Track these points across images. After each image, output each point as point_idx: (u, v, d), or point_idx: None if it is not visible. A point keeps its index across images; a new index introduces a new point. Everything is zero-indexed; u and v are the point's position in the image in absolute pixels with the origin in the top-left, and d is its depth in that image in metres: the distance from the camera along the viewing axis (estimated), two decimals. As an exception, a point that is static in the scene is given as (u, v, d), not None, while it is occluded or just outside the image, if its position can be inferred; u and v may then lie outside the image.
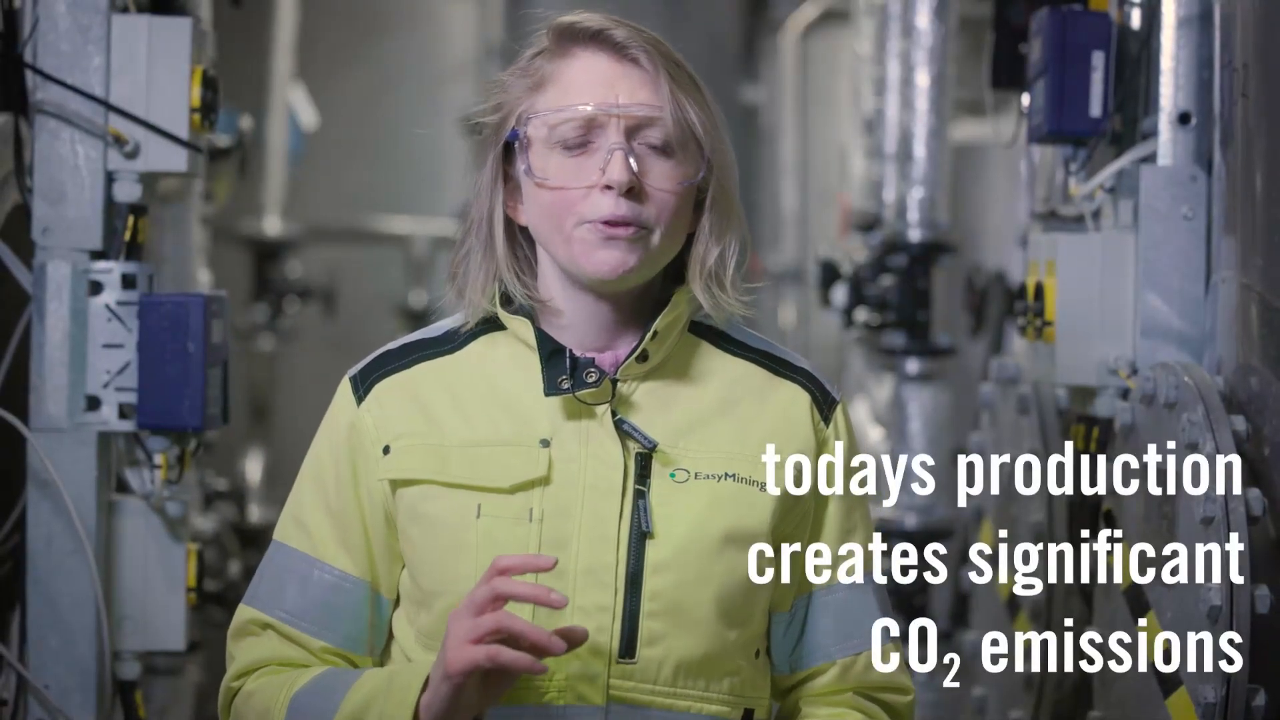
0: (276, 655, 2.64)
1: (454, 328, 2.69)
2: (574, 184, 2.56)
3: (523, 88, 2.61)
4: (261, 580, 2.68)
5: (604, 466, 2.57)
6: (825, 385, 2.70)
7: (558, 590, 2.46)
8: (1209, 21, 3.62)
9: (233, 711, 2.65)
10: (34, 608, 3.61)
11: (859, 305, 5.89)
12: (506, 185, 2.63)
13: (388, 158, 9.63)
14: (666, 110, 2.56)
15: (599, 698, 2.54)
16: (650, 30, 2.61)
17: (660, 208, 2.56)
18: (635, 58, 2.57)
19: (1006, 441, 4.44)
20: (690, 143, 2.58)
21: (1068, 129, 3.84)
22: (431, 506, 2.59)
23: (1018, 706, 4.30)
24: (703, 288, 2.61)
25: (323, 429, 2.69)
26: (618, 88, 2.56)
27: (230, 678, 2.66)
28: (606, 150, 2.55)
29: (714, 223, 2.61)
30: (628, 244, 2.55)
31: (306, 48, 9.13)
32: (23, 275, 3.64)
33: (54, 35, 3.60)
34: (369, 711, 2.50)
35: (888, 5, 6.02)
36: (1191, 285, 3.67)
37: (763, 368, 2.68)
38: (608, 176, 2.53)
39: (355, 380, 2.67)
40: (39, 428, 3.60)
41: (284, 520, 2.69)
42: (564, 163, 2.57)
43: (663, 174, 2.56)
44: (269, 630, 2.65)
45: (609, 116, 2.55)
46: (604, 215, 2.54)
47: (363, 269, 9.39)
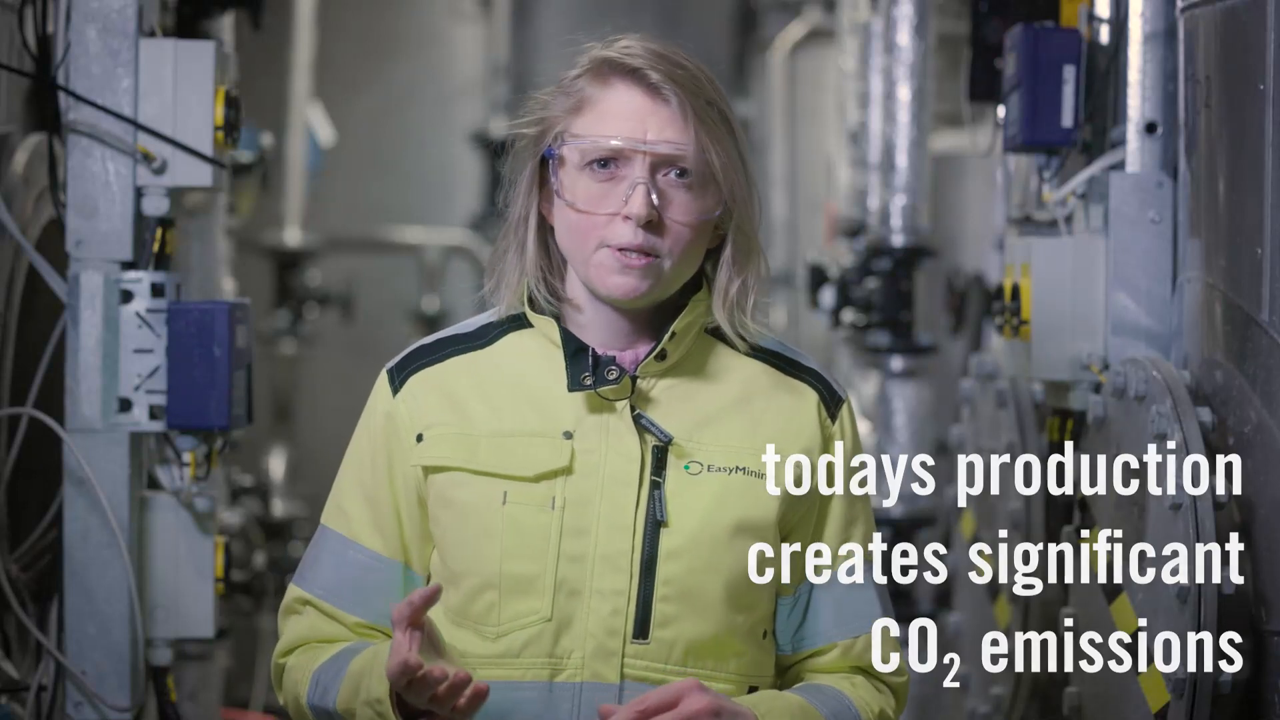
0: (315, 632, 2.68)
1: (486, 323, 2.71)
2: (599, 210, 2.59)
3: (562, 107, 2.63)
4: (306, 560, 2.73)
5: (622, 458, 2.59)
6: (833, 384, 2.72)
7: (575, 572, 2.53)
8: (1173, 37, 3.62)
9: (282, 684, 2.70)
10: (71, 598, 3.61)
11: (845, 307, 5.89)
12: (543, 190, 2.65)
13: (401, 171, 9.62)
14: (690, 149, 2.58)
15: (614, 676, 2.56)
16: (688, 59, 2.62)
17: (675, 239, 2.59)
18: (667, 98, 2.58)
19: (985, 434, 4.43)
20: (710, 180, 2.60)
21: (1041, 139, 3.84)
22: (460, 492, 2.61)
23: (999, 684, 4.30)
24: (724, 315, 2.64)
25: (362, 419, 2.72)
26: (647, 124, 2.58)
27: (277, 654, 2.72)
28: (631, 183, 2.57)
29: (734, 255, 2.65)
30: (641, 272, 2.58)
31: (323, 68, 9.12)
32: (58, 285, 3.64)
33: (85, 59, 3.59)
34: (360, 688, 2.55)
35: (871, 24, 6.02)
36: (1159, 285, 3.67)
37: (774, 367, 2.70)
38: (629, 208, 2.57)
39: (392, 373, 2.70)
40: (74, 429, 3.59)
41: (328, 504, 2.73)
42: (591, 187, 2.59)
43: (682, 207, 2.59)
44: (309, 607, 2.69)
45: (635, 151, 2.57)
46: (622, 243, 2.57)
47: (378, 277, 9.38)
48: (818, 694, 2.62)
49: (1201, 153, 3.42)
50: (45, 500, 3.77)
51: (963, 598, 4.65)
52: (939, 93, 5.86)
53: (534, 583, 2.57)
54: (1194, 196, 3.48)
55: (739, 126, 2.65)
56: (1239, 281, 3.26)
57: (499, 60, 9.32)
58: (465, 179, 9.46)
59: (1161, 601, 3.24)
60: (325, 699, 2.61)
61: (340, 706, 2.58)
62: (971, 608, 4.57)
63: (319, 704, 2.62)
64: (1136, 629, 3.35)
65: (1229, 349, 3.29)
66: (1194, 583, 3.13)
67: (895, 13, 5.80)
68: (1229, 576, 3.13)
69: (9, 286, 3.71)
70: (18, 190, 3.69)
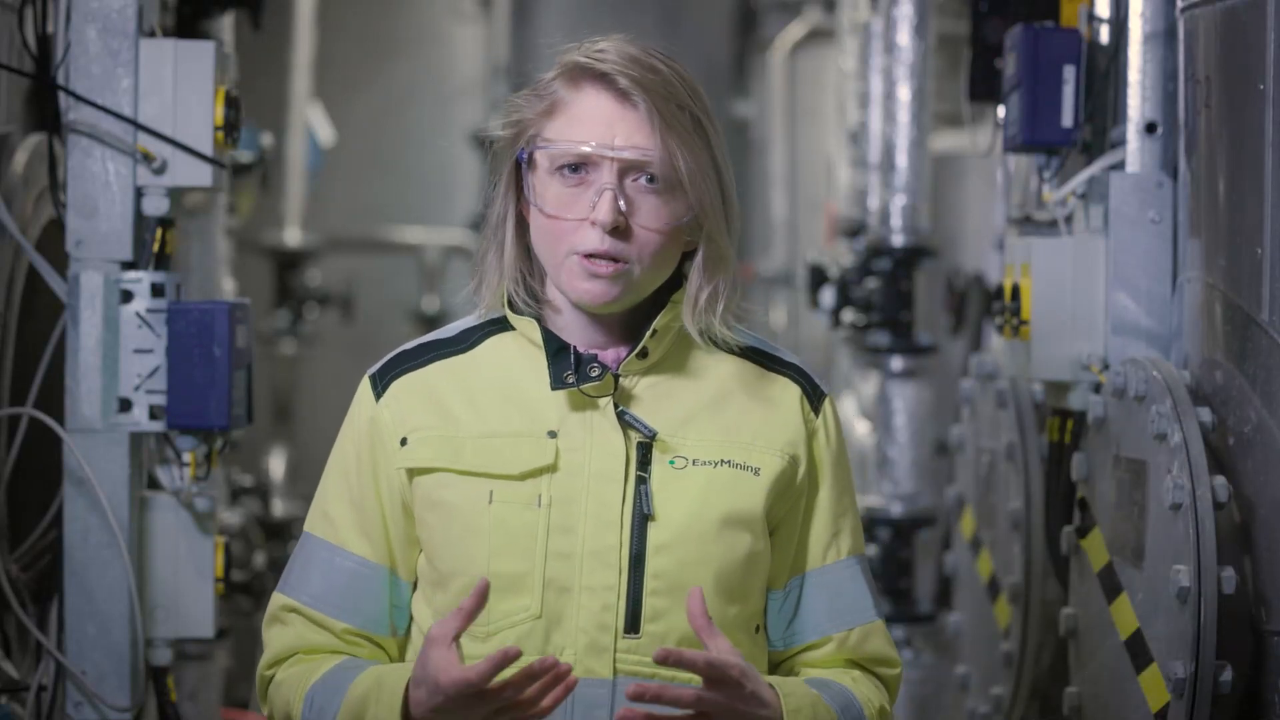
0: (303, 641, 2.66)
1: (466, 328, 2.71)
2: (567, 215, 2.58)
3: (536, 109, 2.62)
4: (291, 568, 2.70)
5: (607, 455, 2.59)
6: (814, 379, 2.72)
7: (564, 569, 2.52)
8: (1173, 37, 3.62)
9: (268, 700, 2.68)
10: (71, 598, 3.61)
11: (845, 307, 5.89)
12: (520, 192, 2.65)
13: (401, 171, 9.62)
14: (656, 155, 2.57)
15: (607, 671, 2.56)
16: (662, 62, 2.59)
17: (643, 245, 2.58)
18: (635, 103, 2.57)
19: (985, 434, 4.44)
20: (680, 186, 2.59)
21: (1041, 139, 3.83)
22: (447, 493, 2.61)
23: (998, 683, 4.30)
24: (693, 322, 2.62)
25: (345, 426, 2.71)
26: (616, 129, 2.57)
27: (263, 666, 2.69)
28: (598, 188, 2.57)
29: (704, 263, 2.63)
30: (609, 280, 2.57)
31: (323, 68, 9.12)
32: (58, 285, 3.64)
33: (85, 59, 3.59)
34: (364, 711, 2.54)
35: (870, 24, 6.02)
36: (1159, 285, 3.67)
37: (755, 363, 2.69)
38: (595, 214, 2.56)
39: (374, 379, 2.69)
40: (74, 429, 3.59)
41: (312, 512, 2.72)
42: (561, 192, 2.59)
43: (650, 213, 2.58)
44: (296, 614, 2.67)
45: (603, 157, 2.57)
46: (589, 249, 2.56)
47: (378, 276, 9.38)
48: (826, 688, 2.62)
49: (1201, 153, 3.42)
50: (45, 500, 3.77)
51: (963, 598, 4.65)
52: (939, 93, 5.86)
53: (523, 580, 2.57)
54: (1194, 196, 3.48)
55: (717, 131, 2.62)
56: (1239, 281, 3.26)
57: (499, 60, 9.32)
58: (465, 179, 9.46)
59: (1161, 601, 3.24)
60: (322, 718, 2.58)
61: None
62: (971, 608, 4.57)
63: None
64: (1136, 629, 3.35)
65: (1229, 349, 3.29)
66: (1194, 583, 3.13)
67: (895, 13, 5.80)
68: (1229, 576, 3.13)
69: (9, 286, 3.71)
70: (18, 190, 3.69)
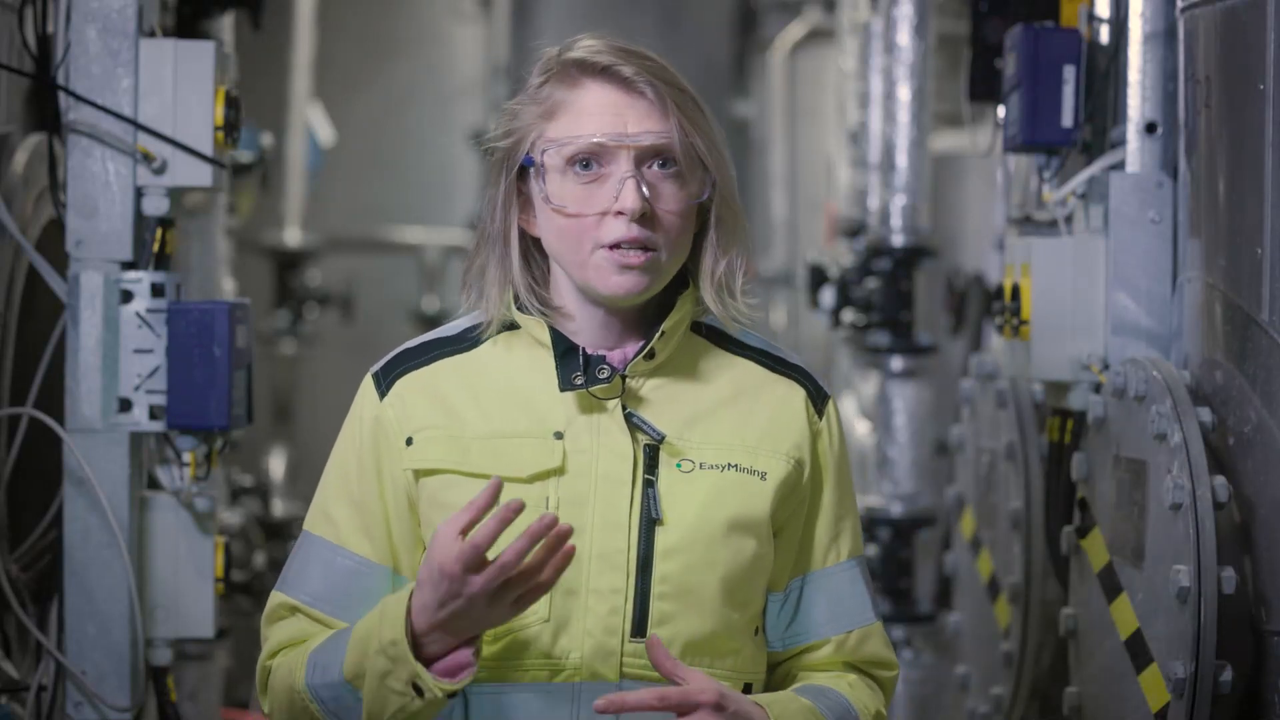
0: (304, 634, 2.65)
1: (469, 326, 2.69)
2: (589, 210, 2.57)
3: (534, 115, 2.62)
4: (290, 567, 2.69)
5: (615, 457, 2.59)
6: (818, 381, 2.72)
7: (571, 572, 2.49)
8: (1173, 37, 3.62)
9: (268, 687, 2.66)
10: (71, 598, 3.61)
11: (845, 307, 5.89)
12: (520, 200, 2.64)
13: (401, 171, 9.62)
14: (674, 136, 2.57)
15: (613, 674, 2.56)
16: (649, 52, 2.62)
17: (669, 229, 2.58)
18: (642, 90, 2.58)
19: (985, 434, 4.44)
20: (695, 164, 2.60)
21: (1041, 139, 3.84)
22: (453, 495, 2.59)
23: (998, 683, 4.30)
24: (714, 297, 2.63)
25: (347, 424, 2.70)
26: (626, 117, 2.57)
27: (264, 658, 2.68)
28: (619, 178, 2.56)
29: (720, 235, 2.63)
30: (640, 270, 2.57)
31: (323, 69, 9.13)
32: (58, 285, 3.64)
33: (85, 59, 3.59)
34: (369, 643, 2.51)
35: (870, 24, 6.02)
36: (1159, 285, 3.67)
37: (761, 365, 2.69)
38: (620, 203, 2.55)
39: (378, 377, 2.68)
40: (74, 429, 3.59)
41: (312, 511, 2.70)
42: (578, 190, 2.58)
43: (671, 196, 2.58)
44: (296, 613, 2.66)
45: (620, 146, 2.56)
46: (617, 238, 2.56)
47: (378, 276, 9.38)
48: (822, 697, 2.62)
49: (1201, 153, 3.42)
50: (45, 500, 3.77)
51: (963, 598, 4.65)
52: (939, 93, 5.86)
53: None
54: (1194, 196, 3.48)
55: (707, 105, 2.63)
56: (1239, 281, 3.26)
57: (499, 60, 9.32)
58: (465, 179, 9.46)
59: (1161, 601, 3.24)
60: (328, 674, 2.55)
61: (348, 673, 2.53)
62: (971, 608, 4.57)
63: (320, 682, 2.56)
64: (1136, 629, 3.35)
65: (1229, 349, 3.29)
66: (1194, 583, 3.13)
67: (895, 13, 5.80)
68: (1229, 576, 3.13)
69: (9, 286, 3.71)
70: (18, 190, 3.69)
